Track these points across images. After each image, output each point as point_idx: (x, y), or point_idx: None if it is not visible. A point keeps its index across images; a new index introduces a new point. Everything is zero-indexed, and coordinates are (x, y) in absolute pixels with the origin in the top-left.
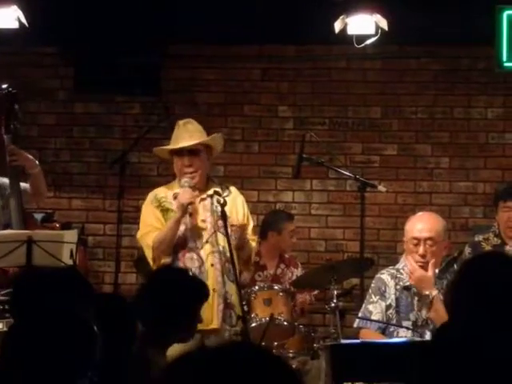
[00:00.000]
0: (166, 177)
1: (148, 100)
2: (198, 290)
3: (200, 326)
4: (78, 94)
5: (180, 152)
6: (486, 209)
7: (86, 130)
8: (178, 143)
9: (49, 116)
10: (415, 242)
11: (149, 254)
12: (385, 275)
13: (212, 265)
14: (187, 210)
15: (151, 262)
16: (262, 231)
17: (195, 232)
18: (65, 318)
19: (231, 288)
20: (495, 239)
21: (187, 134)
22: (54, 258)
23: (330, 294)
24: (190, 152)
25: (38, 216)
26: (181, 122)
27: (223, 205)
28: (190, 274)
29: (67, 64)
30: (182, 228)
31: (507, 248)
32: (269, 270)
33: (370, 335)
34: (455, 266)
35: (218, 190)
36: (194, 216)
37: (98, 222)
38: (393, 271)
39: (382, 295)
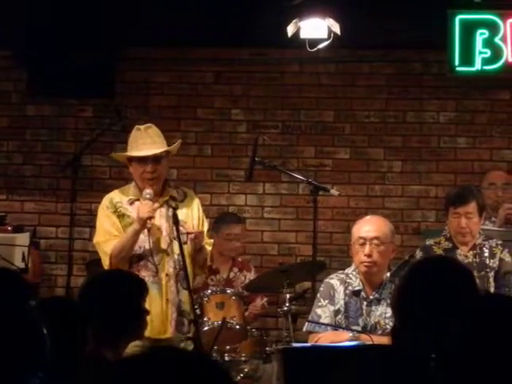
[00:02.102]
0: (119, 180)
1: (100, 103)
2: (136, 284)
3: (154, 336)
4: (30, 96)
5: (143, 159)
6: (438, 213)
7: (39, 132)
8: (139, 149)
9: (1, 119)
10: (361, 241)
11: (105, 261)
12: (334, 280)
13: (167, 274)
14: (146, 224)
15: (107, 268)
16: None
17: (151, 240)
18: (11, 318)
19: (184, 296)
20: (446, 243)
21: (149, 140)
22: (6, 261)
23: (283, 297)
24: (154, 159)
25: None
26: (141, 127)
27: (175, 209)
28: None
29: (20, 66)
30: (139, 237)
31: (458, 252)
32: (221, 273)
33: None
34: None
35: (174, 195)
36: (152, 229)
37: (51, 224)
38: (342, 276)
39: (331, 299)
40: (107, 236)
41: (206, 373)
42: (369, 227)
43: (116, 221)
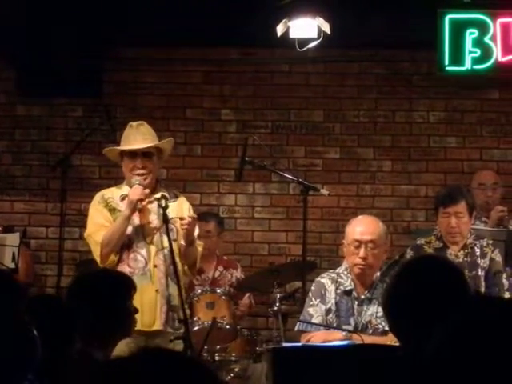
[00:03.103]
0: (108, 180)
1: (90, 103)
2: (123, 284)
3: (143, 328)
4: (19, 96)
5: (133, 154)
6: (428, 212)
7: (28, 132)
8: (131, 144)
9: None
10: (357, 244)
11: (96, 252)
12: (325, 279)
13: (155, 266)
14: (136, 206)
15: (98, 260)
16: None
17: (141, 233)
18: (2, 319)
19: (174, 290)
20: (437, 242)
21: (140, 137)
22: None
23: (273, 297)
24: (144, 154)
25: None
26: (133, 124)
27: (165, 208)
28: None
29: (8, 66)
30: (128, 228)
31: (449, 251)
32: (207, 273)
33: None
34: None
35: (165, 194)
36: (141, 215)
37: (41, 225)
38: (333, 275)
39: (323, 298)
40: (98, 227)
41: (194, 374)
42: (364, 229)
43: (107, 214)
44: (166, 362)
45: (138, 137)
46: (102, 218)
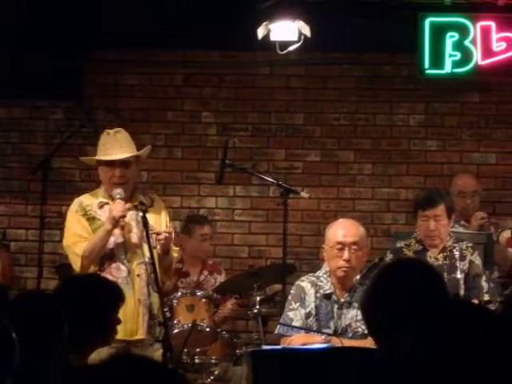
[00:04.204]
0: (89, 182)
1: (70, 105)
2: (110, 293)
3: (125, 337)
4: None
5: (111, 163)
6: (408, 215)
7: (9, 135)
8: (108, 154)
9: None
10: (340, 246)
11: (77, 263)
12: (305, 283)
13: (138, 275)
14: (119, 223)
15: (78, 270)
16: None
17: (122, 242)
18: None
19: (155, 298)
20: (417, 245)
21: (118, 144)
22: None
23: (253, 300)
24: (122, 164)
25: None
26: (110, 131)
27: (144, 212)
28: (111, 281)
29: None
30: (110, 239)
31: (428, 254)
32: (192, 276)
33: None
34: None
35: (143, 200)
36: (124, 230)
37: (21, 227)
38: (313, 279)
39: (302, 302)
40: (77, 238)
41: (165, 381)
42: (346, 231)
43: (86, 224)
44: (138, 368)
45: (116, 145)
46: (81, 228)
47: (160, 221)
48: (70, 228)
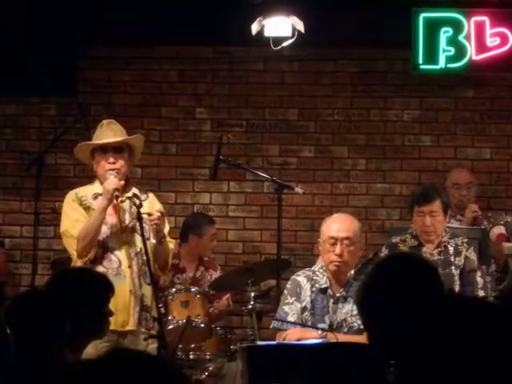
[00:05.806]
0: (83, 178)
1: (64, 101)
2: (101, 286)
3: (116, 328)
4: None
5: (104, 149)
6: (403, 211)
7: (3, 131)
8: (101, 140)
9: None
10: (332, 241)
11: (73, 246)
12: (300, 277)
13: (129, 266)
14: (113, 195)
15: (75, 255)
16: (183, 234)
17: (115, 233)
18: None
19: (147, 290)
20: (412, 240)
21: (111, 133)
22: None
23: (248, 295)
24: (115, 150)
25: None
26: (104, 122)
27: (139, 206)
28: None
29: None
30: (102, 229)
31: (424, 249)
32: (188, 272)
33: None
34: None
35: (137, 193)
36: (115, 215)
37: (15, 223)
38: (309, 273)
39: (298, 297)
40: (74, 223)
41: (164, 376)
42: (339, 226)
43: (82, 211)
44: (135, 363)
45: (109, 133)
46: (78, 214)
47: (154, 211)
48: (67, 215)
